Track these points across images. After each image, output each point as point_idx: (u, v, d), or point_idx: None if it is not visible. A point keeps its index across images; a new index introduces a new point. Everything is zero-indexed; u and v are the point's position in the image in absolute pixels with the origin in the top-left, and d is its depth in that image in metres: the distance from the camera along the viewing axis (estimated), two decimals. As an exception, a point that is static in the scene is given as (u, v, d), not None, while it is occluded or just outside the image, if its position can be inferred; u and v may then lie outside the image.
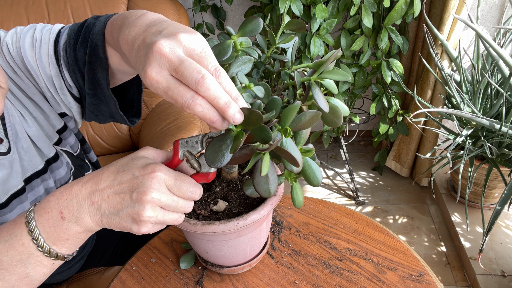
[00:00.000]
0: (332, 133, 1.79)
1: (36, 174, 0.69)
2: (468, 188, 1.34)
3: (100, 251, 0.93)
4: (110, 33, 0.57)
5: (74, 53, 0.64)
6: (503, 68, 1.25)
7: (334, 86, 0.49)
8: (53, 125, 0.72)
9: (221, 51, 0.48)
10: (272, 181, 0.47)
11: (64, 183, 0.75)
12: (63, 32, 0.66)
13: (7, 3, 1.34)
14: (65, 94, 0.69)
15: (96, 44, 0.61)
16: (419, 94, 1.63)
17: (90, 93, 0.68)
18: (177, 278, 0.70)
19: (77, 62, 0.65)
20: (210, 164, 0.43)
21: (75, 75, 0.66)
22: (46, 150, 0.71)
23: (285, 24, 0.51)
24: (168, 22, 0.44)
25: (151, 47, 0.40)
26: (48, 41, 0.65)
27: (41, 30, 0.66)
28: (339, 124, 0.48)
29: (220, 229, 0.55)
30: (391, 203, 1.82)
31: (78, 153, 0.80)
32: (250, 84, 0.45)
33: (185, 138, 0.50)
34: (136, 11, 0.53)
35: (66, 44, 0.65)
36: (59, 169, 0.74)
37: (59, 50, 0.65)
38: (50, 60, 0.65)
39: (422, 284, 0.66)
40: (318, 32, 1.46)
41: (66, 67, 0.66)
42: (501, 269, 1.37)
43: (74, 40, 0.64)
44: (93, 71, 0.64)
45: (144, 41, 0.42)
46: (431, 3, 1.56)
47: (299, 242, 0.75)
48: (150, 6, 1.41)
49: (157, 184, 0.44)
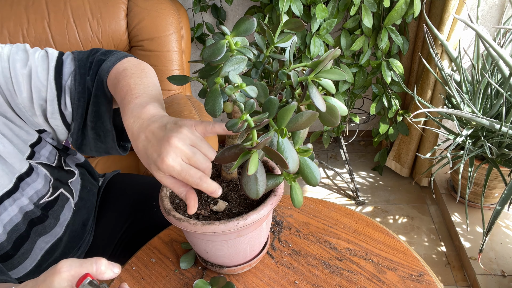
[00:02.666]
0: (332, 133, 1.79)
1: (6, 194, 0.68)
2: (468, 188, 1.34)
3: (99, 251, 0.93)
4: (113, 89, 0.64)
5: (84, 83, 0.68)
6: (503, 68, 1.25)
7: (332, 85, 0.49)
8: (25, 140, 0.71)
9: (214, 51, 0.48)
10: (261, 182, 0.47)
11: (41, 196, 0.74)
12: (65, 59, 0.70)
13: (7, 3, 1.34)
14: (55, 118, 0.71)
15: (102, 80, 0.67)
16: (419, 94, 1.63)
17: (90, 125, 0.71)
18: (177, 278, 0.70)
19: (85, 91, 0.69)
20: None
21: (79, 103, 0.69)
22: (18, 166, 0.69)
23: (283, 23, 0.51)
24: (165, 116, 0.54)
25: (167, 140, 0.49)
26: (48, 67, 0.68)
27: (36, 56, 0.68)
28: (336, 124, 0.48)
29: (220, 229, 0.55)
30: (391, 203, 1.81)
31: (56, 162, 0.79)
32: (242, 84, 0.45)
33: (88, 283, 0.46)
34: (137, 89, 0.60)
35: (75, 73, 0.69)
36: (34, 183, 0.72)
37: (64, 77, 0.69)
38: (49, 85, 0.67)
39: (422, 284, 0.66)
40: (318, 32, 1.46)
41: (70, 94, 0.69)
42: (501, 269, 1.37)
43: (84, 70, 0.69)
44: (98, 105, 0.69)
45: (154, 135, 0.51)
46: (431, 3, 1.56)
47: (299, 242, 0.75)
48: (150, 6, 1.41)
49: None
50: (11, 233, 0.70)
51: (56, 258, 0.79)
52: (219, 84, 0.47)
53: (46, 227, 0.76)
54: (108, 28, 1.39)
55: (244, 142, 0.46)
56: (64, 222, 0.80)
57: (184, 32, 1.49)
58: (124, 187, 0.99)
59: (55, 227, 0.78)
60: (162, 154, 0.49)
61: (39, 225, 0.75)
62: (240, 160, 0.46)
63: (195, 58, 1.94)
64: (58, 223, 0.78)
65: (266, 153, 0.44)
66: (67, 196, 0.80)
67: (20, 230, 0.71)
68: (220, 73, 0.46)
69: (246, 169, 0.45)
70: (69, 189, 0.82)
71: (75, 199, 0.83)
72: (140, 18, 1.41)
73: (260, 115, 0.45)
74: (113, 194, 0.97)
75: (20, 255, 0.72)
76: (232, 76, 0.45)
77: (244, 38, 0.52)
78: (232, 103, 0.48)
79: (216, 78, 0.47)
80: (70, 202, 0.82)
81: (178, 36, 1.47)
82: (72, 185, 0.83)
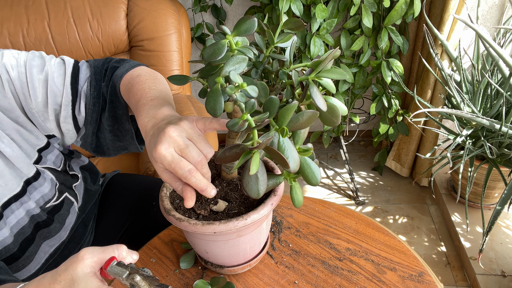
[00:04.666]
0: (332, 133, 1.79)
1: (14, 198, 0.68)
2: (468, 188, 1.34)
3: (99, 251, 0.93)
4: (126, 94, 0.66)
5: (100, 89, 0.71)
6: (503, 68, 1.25)
7: (332, 85, 0.49)
8: (33, 145, 0.72)
9: (215, 51, 0.48)
10: (262, 181, 0.47)
11: (48, 200, 0.75)
12: (81, 66, 0.73)
13: (7, 3, 1.34)
14: (67, 122, 0.73)
15: (115, 86, 0.70)
16: (419, 94, 1.63)
17: (108, 129, 0.74)
18: (177, 278, 0.70)
19: (99, 97, 0.71)
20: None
21: (94, 108, 0.71)
22: (25, 170, 0.70)
23: (283, 23, 0.51)
24: (175, 116, 0.55)
25: (163, 130, 0.50)
26: (65, 73, 0.70)
27: (52, 63, 0.70)
28: (337, 123, 0.48)
29: (220, 229, 0.54)
30: (391, 203, 1.81)
31: (62, 167, 0.80)
32: (243, 84, 0.45)
33: (116, 264, 0.49)
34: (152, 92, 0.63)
35: (91, 80, 0.71)
36: (41, 187, 0.73)
37: (80, 82, 0.71)
38: (65, 90, 0.70)
39: (422, 284, 0.66)
40: (318, 32, 1.46)
41: (85, 99, 0.71)
42: (501, 269, 1.37)
43: (100, 76, 0.71)
44: (114, 109, 0.71)
45: (158, 129, 0.53)
46: (431, 3, 1.56)
47: (299, 242, 0.75)
48: (150, 6, 1.41)
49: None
50: (17, 235, 0.70)
51: (56, 259, 0.79)
52: (220, 83, 0.47)
53: (51, 230, 0.76)
54: (108, 28, 1.39)
55: (245, 142, 0.46)
56: (68, 226, 0.80)
57: (184, 32, 1.49)
58: (124, 187, 0.99)
59: (60, 231, 0.78)
60: (156, 143, 0.50)
61: (45, 229, 0.75)
62: (241, 160, 0.46)
63: (195, 58, 1.94)
64: (63, 227, 0.79)
65: (267, 153, 0.44)
66: (71, 200, 0.81)
67: (26, 233, 0.72)
68: (221, 72, 0.46)
69: (247, 169, 0.45)
70: (74, 193, 0.82)
71: (79, 203, 0.84)
72: (140, 18, 1.41)
73: (260, 115, 0.45)
74: (113, 194, 0.97)
75: (25, 258, 0.72)
76: (233, 76, 0.45)
77: (244, 38, 0.52)
78: (233, 103, 0.48)
79: (217, 77, 0.47)
80: (74, 206, 0.82)
81: (178, 36, 1.47)
82: (76, 189, 0.84)
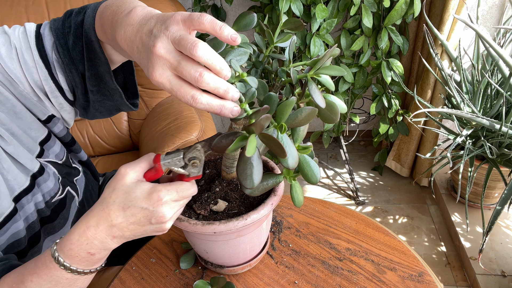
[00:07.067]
0: (332, 133, 1.79)
1: (24, 192, 0.68)
2: (468, 188, 1.34)
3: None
4: (101, 28, 0.58)
5: (69, 53, 0.64)
6: (503, 68, 1.25)
7: (331, 82, 0.49)
8: (34, 137, 0.70)
9: (215, 45, 0.48)
10: (256, 170, 0.46)
11: (54, 195, 0.74)
12: (43, 32, 0.64)
13: (7, 3, 1.34)
14: (56, 96, 0.68)
15: (91, 40, 0.61)
16: (419, 94, 1.63)
17: (93, 90, 0.67)
18: (177, 278, 0.70)
19: (73, 61, 0.64)
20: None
21: (72, 74, 0.65)
22: (29, 165, 0.69)
23: (283, 23, 0.51)
24: (155, 16, 0.47)
25: (151, 51, 0.44)
26: (29, 46, 0.63)
27: (16, 34, 0.64)
28: (336, 121, 0.48)
29: (220, 229, 0.54)
30: (391, 203, 1.81)
31: (64, 160, 0.78)
32: (243, 73, 0.46)
33: (166, 155, 0.52)
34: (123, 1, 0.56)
35: (56, 45, 0.63)
36: (46, 182, 0.72)
37: (48, 52, 0.64)
38: (37, 65, 0.64)
39: (422, 284, 0.66)
40: (318, 32, 1.46)
41: (60, 69, 0.65)
42: (501, 269, 1.37)
43: (63, 40, 0.63)
44: (95, 67, 0.64)
45: (143, 44, 0.46)
46: (431, 3, 1.56)
47: (299, 242, 0.75)
48: (150, 6, 1.41)
49: (168, 207, 0.51)
50: (28, 229, 0.70)
51: None
52: None
53: (55, 226, 0.76)
54: (108, 28, 1.39)
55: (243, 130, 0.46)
56: (70, 221, 0.80)
57: (184, 32, 1.49)
58: None
59: (64, 227, 0.78)
60: (149, 69, 0.44)
61: (48, 224, 0.75)
62: (237, 142, 0.45)
63: (195, 58, 1.94)
64: (67, 223, 0.79)
65: (264, 142, 0.43)
66: (72, 194, 0.80)
67: (36, 228, 0.71)
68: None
69: (243, 155, 0.45)
70: (75, 187, 0.81)
71: (80, 197, 0.84)
72: (140, 18, 1.40)
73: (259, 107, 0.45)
74: None
75: (33, 253, 0.72)
76: (234, 64, 0.46)
77: (244, 36, 0.52)
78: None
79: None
80: (75, 200, 0.82)
81: (178, 36, 1.46)
82: (78, 183, 0.83)
